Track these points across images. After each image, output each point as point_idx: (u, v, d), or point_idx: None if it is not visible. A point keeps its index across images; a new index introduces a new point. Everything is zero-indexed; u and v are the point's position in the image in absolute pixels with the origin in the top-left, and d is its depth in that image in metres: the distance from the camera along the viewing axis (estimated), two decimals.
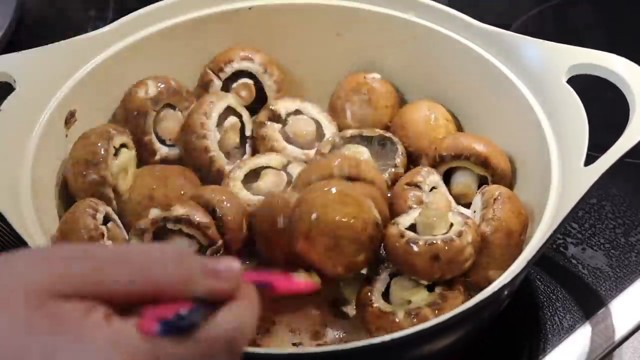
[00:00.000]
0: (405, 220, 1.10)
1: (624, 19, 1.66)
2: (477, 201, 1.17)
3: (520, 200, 1.15)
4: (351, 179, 1.10)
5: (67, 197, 1.20)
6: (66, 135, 1.21)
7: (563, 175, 1.11)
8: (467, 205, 1.20)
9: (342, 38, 1.39)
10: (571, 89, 1.17)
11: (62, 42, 1.24)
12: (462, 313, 0.95)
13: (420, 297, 1.06)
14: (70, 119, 1.21)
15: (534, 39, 1.25)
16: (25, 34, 1.60)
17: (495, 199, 1.13)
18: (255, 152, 1.29)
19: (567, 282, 1.23)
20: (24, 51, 1.22)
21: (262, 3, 1.37)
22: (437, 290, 1.06)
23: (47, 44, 1.24)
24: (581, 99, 1.15)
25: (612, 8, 1.68)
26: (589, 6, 1.68)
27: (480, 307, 0.96)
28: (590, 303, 1.20)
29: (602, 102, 1.20)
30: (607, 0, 1.70)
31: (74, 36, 1.27)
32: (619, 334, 1.16)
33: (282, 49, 1.39)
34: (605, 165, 1.06)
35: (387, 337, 0.92)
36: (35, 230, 1.06)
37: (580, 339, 1.16)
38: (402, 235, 1.06)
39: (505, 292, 1.02)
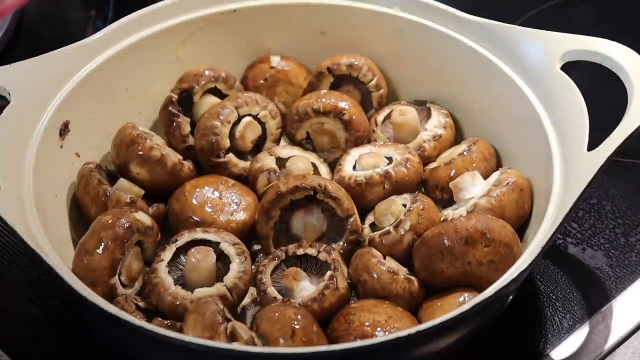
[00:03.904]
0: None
1: (624, 19, 1.66)
2: (494, 174, 1.21)
3: (529, 195, 1.17)
4: None
5: (67, 200, 1.22)
6: (61, 147, 1.22)
7: (566, 162, 1.11)
8: None
9: (327, 36, 1.39)
10: (566, 76, 1.18)
11: (54, 52, 1.24)
12: (467, 310, 0.95)
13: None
14: (64, 130, 1.22)
15: (526, 28, 1.25)
16: (26, 34, 1.60)
17: (507, 183, 1.16)
18: None
19: (567, 282, 1.23)
20: (17, 63, 1.22)
21: (246, 5, 1.37)
22: None
23: (47, 45, 1.25)
24: None
25: (611, 8, 1.68)
26: (589, 6, 1.68)
27: (486, 303, 0.97)
28: (590, 303, 1.20)
29: (598, 103, 1.20)
30: (607, 0, 1.70)
31: (74, 36, 1.27)
32: (619, 334, 1.16)
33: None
34: (610, 148, 1.06)
35: (394, 335, 0.93)
36: (39, 235, 1.07)
37: (580, 339, 1.16)
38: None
39: (519, 280, 1.02)
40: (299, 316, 1.03)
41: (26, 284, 1.23)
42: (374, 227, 1.20)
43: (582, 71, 1.21)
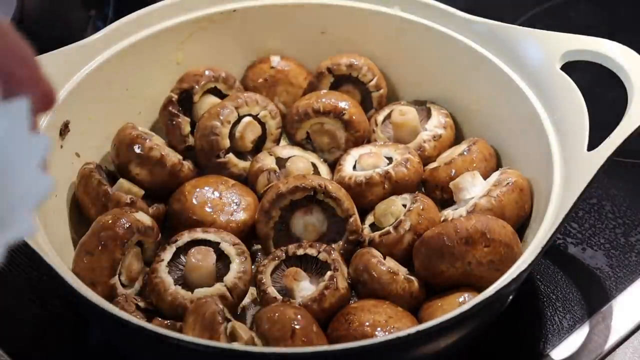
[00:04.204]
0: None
1: (624, 19, 1.66)
2: (494, 174, 1.21)
3: (529, 195, 1.17)
4: None
5: (67, 200, 1.22)
6: (61, 147, 1.22)
7: (566, 162, 1.11)
8: None
9: (327, 36, 1.39)
10: (566, 76, 1.18)
11: (54, 52, 1.24)
12: (468, 310, 0.95)
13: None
14: (64, 130, 1.22)
15: (526, 28, 1.25)
16: (26, 34, 1.59)
17: (507, 183, 1.16)
18: None
19: (567, 282, 1.23)
20: None
21: (246, 5, 1.37)
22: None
23: (47, 45, 1.24)
24: None
25: (611, 7, 1.68)
26: (589, 6, 1.68)
27: (486, 303, 0.97)
28: (590, 303, 1.20)
29: (598, 103, 1.20)
30: (607, 0, 1.70)
31: (74, 36, 1.27)
32: (619, 334, 1.16)
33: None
34: (610, 148, 1.06)
35: (394, 335, 0.93)
36: (39, 235, 1.07)
37: (580, 339, 1.16)
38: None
39: (521, 278, 1.02)
40: (299, 316, 1.03)
41: (26, 284, 1.23)
42: (374, 227, 1.20)
43: (582, 71, 1.21)
